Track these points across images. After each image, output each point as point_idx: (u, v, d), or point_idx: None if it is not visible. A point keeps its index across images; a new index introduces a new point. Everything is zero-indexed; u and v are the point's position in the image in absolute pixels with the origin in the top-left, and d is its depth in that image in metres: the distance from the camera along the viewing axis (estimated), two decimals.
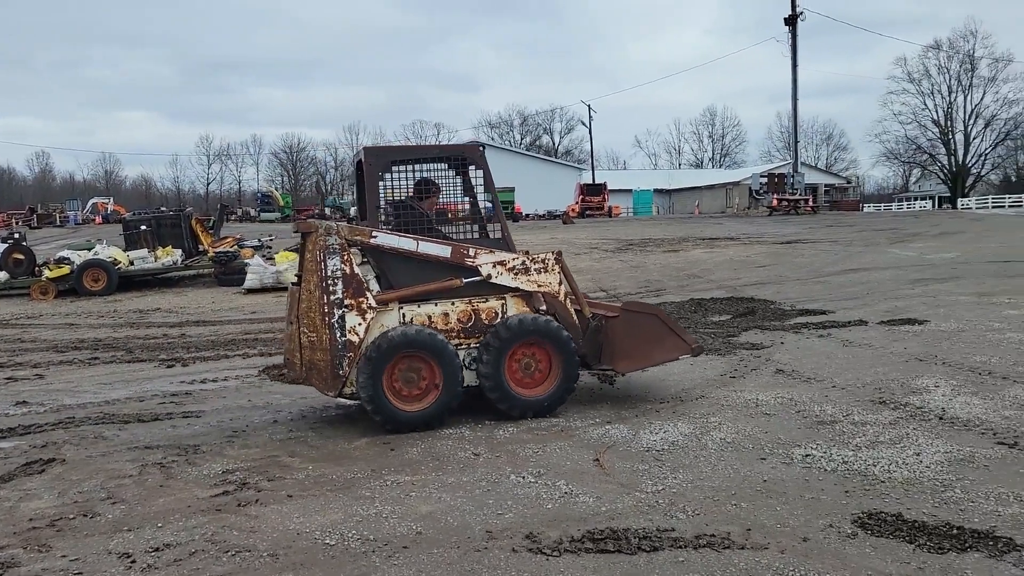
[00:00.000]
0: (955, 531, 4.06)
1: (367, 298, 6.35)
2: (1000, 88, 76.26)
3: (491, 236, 6.95)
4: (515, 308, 6.70)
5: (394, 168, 6.80)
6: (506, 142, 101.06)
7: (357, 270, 6.38)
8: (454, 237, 6.86)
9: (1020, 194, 59.41)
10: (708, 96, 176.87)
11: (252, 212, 66.41)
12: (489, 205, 7.02)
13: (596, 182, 62.74)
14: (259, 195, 71.86)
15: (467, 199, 7.15)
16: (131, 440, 6.46)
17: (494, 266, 6.59)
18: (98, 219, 55.31)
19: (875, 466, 5.10)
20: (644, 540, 4.11)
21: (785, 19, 47.70)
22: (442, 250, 6.50)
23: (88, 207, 61.95)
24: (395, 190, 6.79)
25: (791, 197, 46.50)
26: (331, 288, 6.29)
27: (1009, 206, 52.28)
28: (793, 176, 48.94)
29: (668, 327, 7.01)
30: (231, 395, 8.06)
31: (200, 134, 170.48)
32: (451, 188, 7.10)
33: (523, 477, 5.17)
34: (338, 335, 6.29)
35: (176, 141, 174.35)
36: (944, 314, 10.75)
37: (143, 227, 21.88)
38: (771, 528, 4.24)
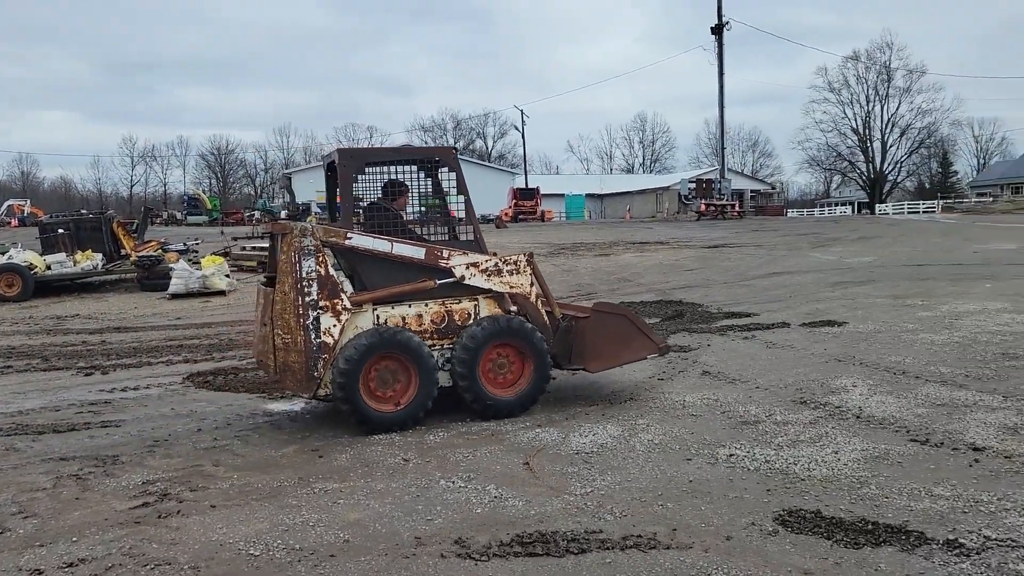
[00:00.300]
0: (870, 526, 4.20)
1: (342, 299, 6.34)
2: (914, 98, 79.53)
3: (463, 238, 6.97)
4: (487, 309, 6.79)
5: (368, 170, 6.86)
6: (439, 146, 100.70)
7: (332, 271, 6.37)
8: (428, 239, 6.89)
9: (932, 200, 62.01)
10: (639, 103, 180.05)
11: (178, 215, 64.71)
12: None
13: (529, 187, 63.06)
14: (186, 198, 70.06)
15: (438, 201, 7.16)
16: (45, 451, 6.21)
17: (467, 268, 6.66)
18: (14, 222, 53.03)
19: (796, 465, 5.24)
20: (572, 542, 4.14)
21: (712, 28, 48.88)
22: (416, 252, 6.54)
23: (3, 209, 59.35)
24: (369, 191, 6.89)
25: (718, 202, 47.60)
26: (306, 289, 6.26)
27: (923, 212, 54.49)
28: (720, 182, 50.10)
29: (637, 327, 7.21)
30: (153, 403, 7.82)
31: (123, 135, 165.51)
32: (426, 191, 7.12)
33: (453, 482, 5.16)
34: (313, 336, 6.26)
35: (98, 142, 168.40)
36: (862, 316, 11.14)
37: (61, 230, 21.10)
38: (696, 528, 4.32)
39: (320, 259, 6.30)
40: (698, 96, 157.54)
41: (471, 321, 6.70)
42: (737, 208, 50.13)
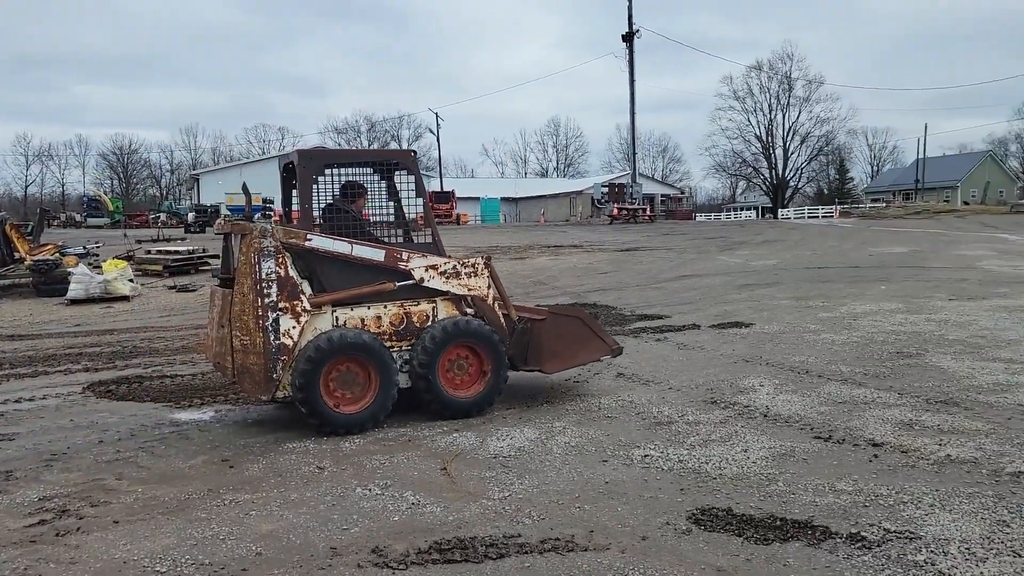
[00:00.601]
0: (778, 522, 4.34)
1: (302, 301, 6.31)
2: (813, 108, 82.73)
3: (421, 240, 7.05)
4: (445, 311, 6.85)
5: (327, 171, 6.86)
6: (354, 148, 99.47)
7: (292, 273, 6.33)
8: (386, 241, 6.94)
9: (831, 205, 64.74)
10: (553, 107, 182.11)
11: (78, 217, 61.89)
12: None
13: (444, 190, 62.92)
14: (86, 199, 67.04)
15: (393, 203, 7.23)
16: None
17: (426, 270, 6.71)
18: None
19: (707, 464, 5.38)
20: (491, 548, 4.13)
21: (623, 36, 49.79)
22: (376, 254, 6.57)
23: None
24: (327, 193, 6.87)
25: (630, 206, 48.50)
26: (265, 291, 6.22)
27: (822, 216, 56.81)
28: (632, 186, 51.07)
29: (591, 329, 7.41)
30: (50, 415, 7.43)
31: (17, 133, 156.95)
32: (383, 193, 7.19)
33: (369, 489, 5.08)
34: (272, 338, 6.21)
35: None
36: (767, 317, 11.53)
37: None
38: (612, 529, 4.37)
39: (280, 260, 6.28)
40: (610, 102, 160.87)
41: (429, 323, 6.75)
42: (648, 212, 51.19)
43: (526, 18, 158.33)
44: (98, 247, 24.65)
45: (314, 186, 6.66)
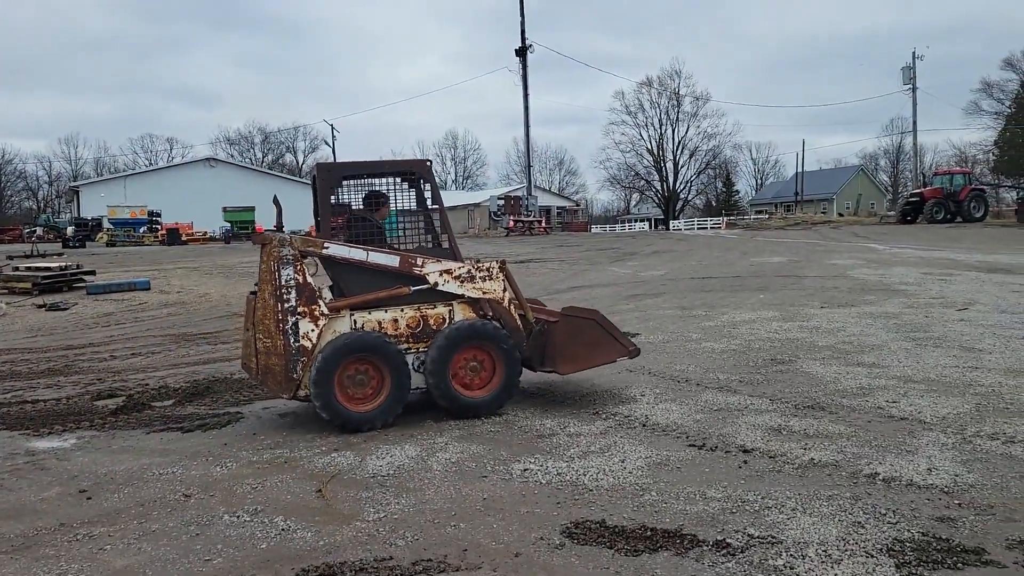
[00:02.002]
0: (648, 532, 4.40)
1: (319, 306, 6.72)
2: (701, 123, 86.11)
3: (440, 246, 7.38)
4: (462, 314, 7.06)
5: (345, 183, 7.25)
6: (247, 159, 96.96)
7: (310, 279, 6.75)
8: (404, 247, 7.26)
9: (718, 217, 67.18)
10: (450, 120, 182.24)
11: None
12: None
13: (341, 202, 61.82)
14: None
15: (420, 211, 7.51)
16: None
17: (440, 275, 6.95)
18: None
19: (585, 476, 5.41)
20: (360, 572, 4.02)
21: (516, 51, 50.37)
22: (391, 260, 6.89)
23: None
24: (348, 203, 7.28)
25: (526, 219, 48.96)
26: (285, 296, 6.67)
27: (710, 228, 58.88)
28: (528, 199, 51.59)
29: (606, 331, 7.30)
30: None
31: None
32: (400, 201, 7.44)
33: (237, 516, 4.88)
34: (292, 340, 6.67)
35: None
36: (652, 327, 11.79)
37: None
38: (487, 546, 4.33)
39: (298, 267, 6.72)
40: (507, 115, 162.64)
41: (446, 326, 6.97)
42: (544, 224, 51.84)
43: (422, 32, 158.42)
44: None
45: (332, 197, 7.11)
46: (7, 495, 5.47)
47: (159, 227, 52.02)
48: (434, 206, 7.36)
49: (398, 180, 7.48)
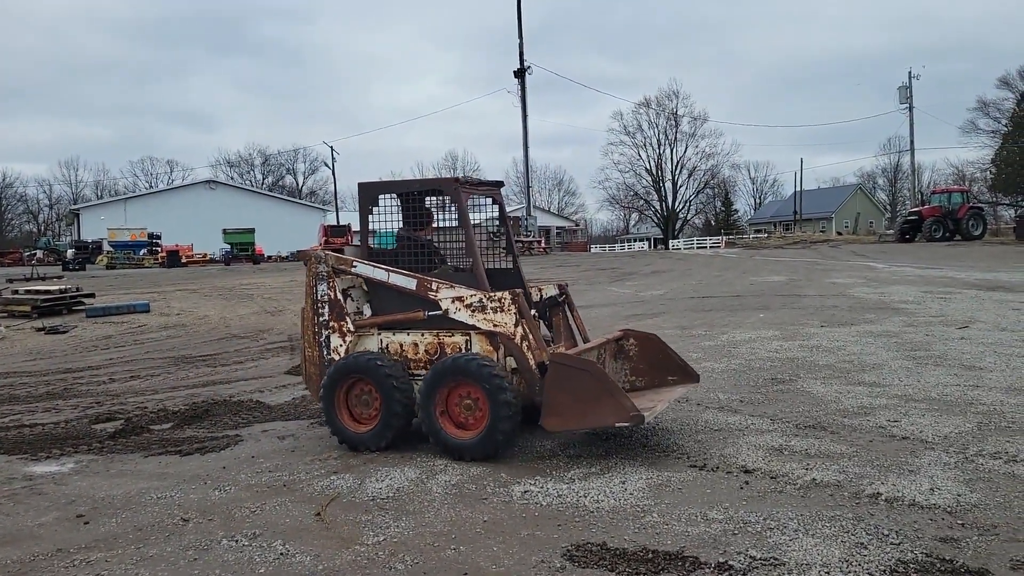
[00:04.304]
0: (650, 555, 4.37)
1: (347, 322, 6.95)
2: (699, 143, 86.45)
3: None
4: (479, 345, 6.60)
5: (381, 201, 7.20)
6: (247, 181, 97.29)
7: (339, 296, 6.96)
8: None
9: (717, 236, 67.28)
10: (449, 142, 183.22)
11: None
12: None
13: (340, 223, 62.02)
14: None
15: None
16: None
17: (452, 301, 6.68)
18: None
19: (586, 497, 5.38)
20: None
21: (515, 72, 50.68)
22: (409, 282, 6.82)
23: None
24: (387, 220, 7.25)
25: (525, 239, 49.00)
26: (320, 310, 7.03)
27: (709, 247, 58.95)
28: (527, 219, 51.70)
29: (603, 387, 6.08)
30: None
31: None
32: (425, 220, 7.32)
33: (236, 540, 4.84)
34: (324, 352, 7.02)
35: None
36: None
37: None
38: (487, 570, 4.30)
39: (331, 284, 6.98)
40: (506, 136, 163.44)
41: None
42: (543, 244, 51.91)
43: (420, 55, 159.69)
44: None
45: (369, 215, 7.16)
46: (4, 520, 5.43)
47: (159, 249, 52.09)
48: (461, 227, 6.99)
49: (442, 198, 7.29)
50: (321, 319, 7.01)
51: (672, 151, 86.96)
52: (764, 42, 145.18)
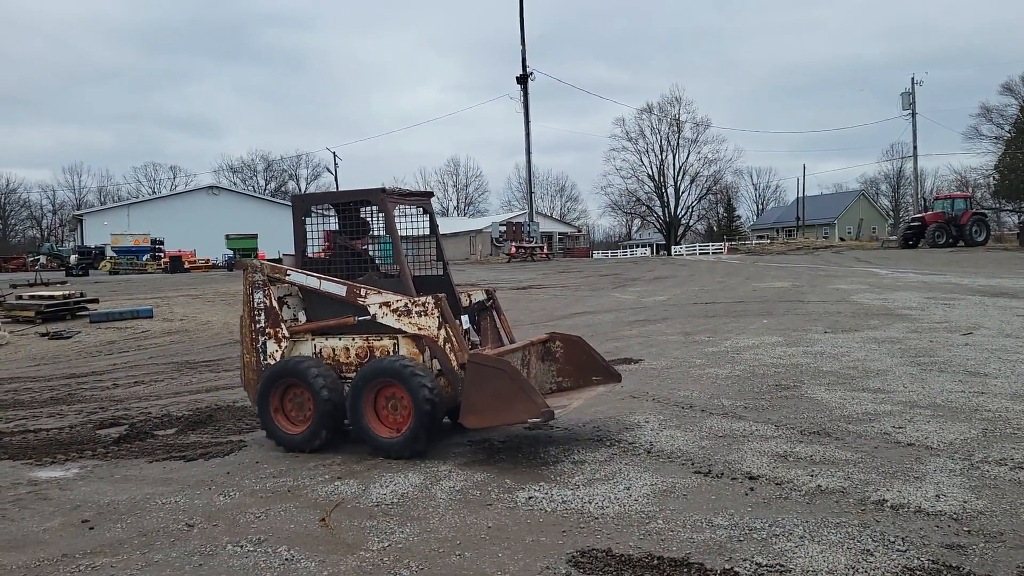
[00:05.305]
0: (656, 561, 4.36)
1: (282, 329, 7.19)
2: (701, 149, 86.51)
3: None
4: (405, 348, 6.89)
5: (314, 211, 7.53)
6: (250, 187, 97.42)
7: (275, 303, 7.21)
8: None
9: (720, 242, 67.28)
10: (452, 148, 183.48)
11: None
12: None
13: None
14: None
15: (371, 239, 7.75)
16: None
17: (380, 307, 6.93)
18: None
19: (591, 504, 5.37)
20: None
21: (517, 78, 50.81)
22: (339, 289, 7.07)
23: None
24: (318, 229, 7.56)
25: (528, 245, 49.05)
26: (257, 317, 7.28)
27: (712, 253, 58.92)
28: (529, 225, 51.73)
29: (517, 385, 6.28)
30: None
31: None
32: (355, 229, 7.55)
33: (241, 546, 4.84)
34: (261, 358, 7.27)
35: None
36: (656, 353, 11.77)
37: None
38: None
39: (267, 292, 7.23)
40: (509, 142, 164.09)
41: None
42: (546, 250, 51.96)
43: (422, 61, 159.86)
44: None
45: (304, 226, 7.41)
46: (9, 525, 5.43)
47: (162, 255, 52.14)
48: (388, 235, 7.25)
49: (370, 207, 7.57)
50: (258, 326, 7.27)
51: (674, 157, 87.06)
52: (765, 50, 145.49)
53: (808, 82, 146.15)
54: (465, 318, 7.57)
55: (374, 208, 7.42)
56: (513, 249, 48.93)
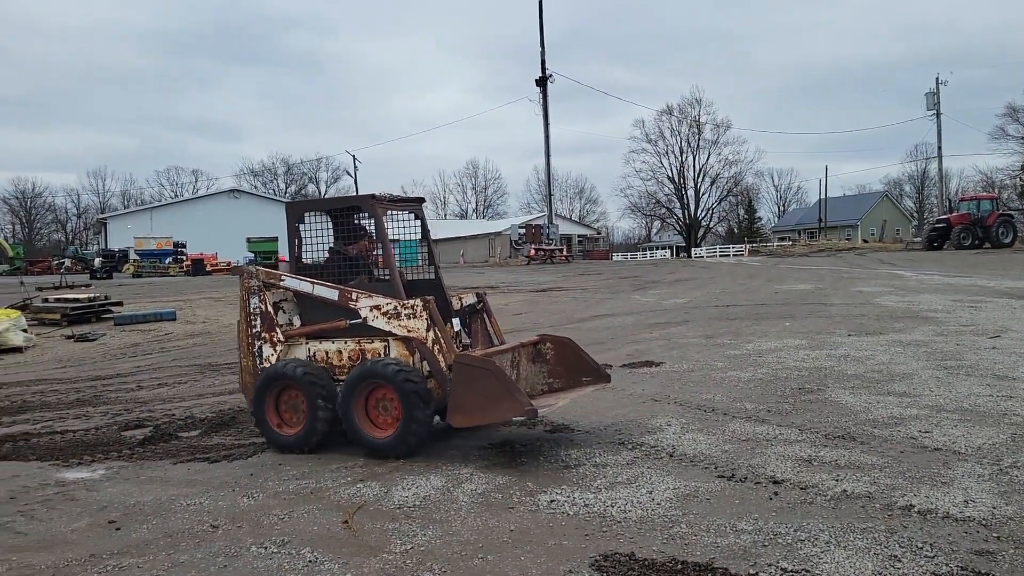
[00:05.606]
0: (679, 566, 4.33)
1: (277, 333, 7.33)
2: (721, 150, 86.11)
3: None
4: (396, 351, 7.01)
5: (307, 218, 7.62)
6: (270, 190, 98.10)
7: (270, 308, 7.34)
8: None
9: (741, 244, 66.87)
10: (471, 150, 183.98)
11: None
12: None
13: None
14: None
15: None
16: None
17: (371, 310, 7.04)
18: None
19: (613, 507, 5.35)
20: None
21: (536, 81, 50.80)
22: (331, 293, 7.19)
23: None
24: (313, 236, 7.64)
25: (547, 247, 48.99)
26: (253, 322, 7.41)
27: (732, 255, 58.59)
28: (549, 227, 51.67)
29: (503, 385, 6.44)
30: None
31: None
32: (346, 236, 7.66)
33: (265, 548, 4.87)
34: (257, 362, 7.39)
35: None
36: (677, 356, 11.71)
37: None
38: None
39: (262, 297, 7.36)
40: (528, 144, 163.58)
41: None
42: (565, 252, 51.84)
43: (441, 65, 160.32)
44: None
45: (297, 232, 7.54)
46: (38, 526, 5.50)
47: (184, 258, 52.64)
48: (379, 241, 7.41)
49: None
50: (254, 330, 7.40)
51: (694, 159, 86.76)
52: (785, 51, 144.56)
53: (830, 82, 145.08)
54: (456, 320, 7.72)
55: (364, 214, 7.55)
56: (532, 251, 48.91)
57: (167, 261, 52.43)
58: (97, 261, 48.85)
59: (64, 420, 9.27)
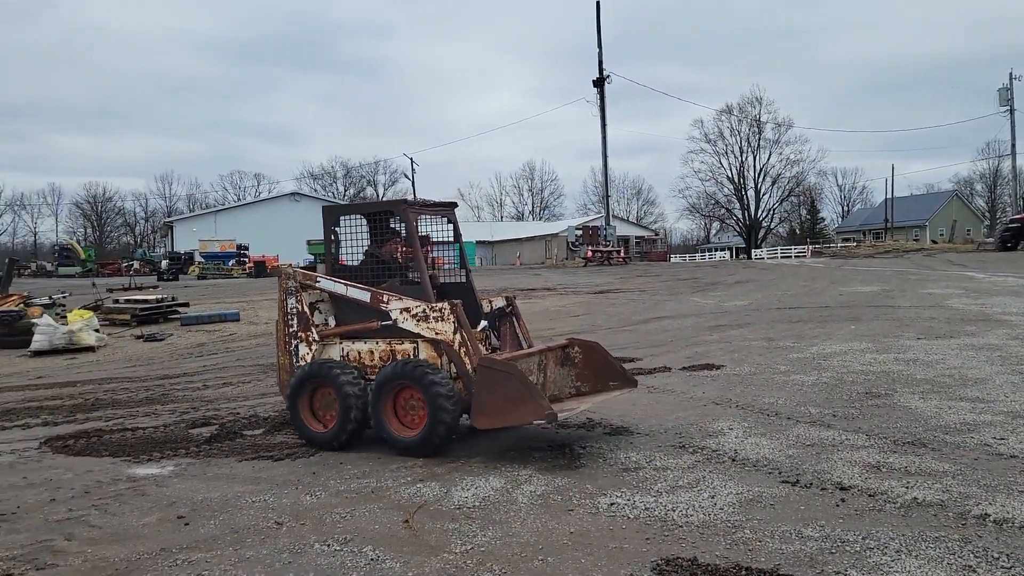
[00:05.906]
0: (743, 572, 4.25)
1: (312, 333, 7.56)
2: (783, 150, 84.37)
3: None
4: (425, 352, 7.17)
5: (342, 221, 7.87)
6: (329, 194, 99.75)
7: (306, 308, 7.57)
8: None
9: (803, 245, 65.53)
10: (528, 152, 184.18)
11: (48, 266, 61.27)
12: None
13: (420, 234, 62.87)
14: (57, 248, 66.47)
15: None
16: None
17: (401, 312, 7.19)
18: None
19: (674, 511, 5.29)
20: None
21: (594, 81, 50.61)
22: (363, 295, 7.37)
23: None
24: (351, 238, 7.87)
25: (604, 248, 48.73)
26: (290, 321, 7.65)
27: (794, 256, 57.43)
28: (606, 229, 51.40)
29: (525, 389, 6.56)
30: (3, 473, 7.20)
31: None
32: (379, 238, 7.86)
33: (328, 545, 4.94)
34: (294, 360, 7.62)
35: None
36: (738, 359, 11.52)
37: None
38: None
39: (299, 298, 7.58)
40: (584, 145, 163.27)
41: None
42: (622, 254, 51.50)
43: (498, 67, 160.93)
44: (65, 297, 24.29)
45: (332, 235, 7.76)
46: (111, 519, 5.68)
47: (247, 260, 53.84)
48: (414, 242, 7.52)
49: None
50: (291, 330, 7.63)
51: (755, 158, 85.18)
52: (849, 48, 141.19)
53: (895, 80, 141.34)
54: (485, 323, 7.89)
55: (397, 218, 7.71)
56: (589, 253, 48.71)
57: (231, 263, 53.72)
58: (164, 263, 50.32)
59: (134, 417, 9.56)
